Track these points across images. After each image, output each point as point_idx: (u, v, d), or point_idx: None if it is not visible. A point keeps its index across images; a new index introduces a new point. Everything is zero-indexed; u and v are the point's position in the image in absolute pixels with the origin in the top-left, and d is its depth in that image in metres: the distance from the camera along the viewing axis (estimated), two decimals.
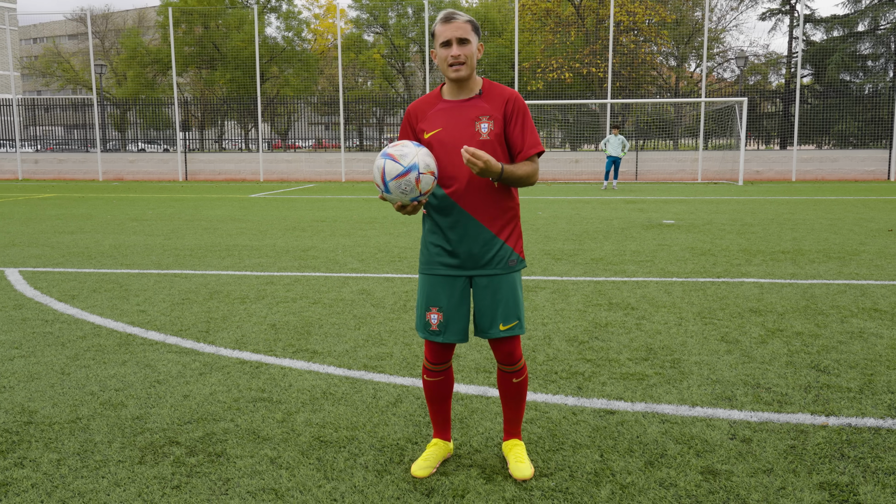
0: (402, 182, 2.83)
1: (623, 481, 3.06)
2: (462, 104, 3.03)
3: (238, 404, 3.96)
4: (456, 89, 3.05)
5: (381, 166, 2.86)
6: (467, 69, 2.97)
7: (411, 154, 2.85)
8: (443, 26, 2.95)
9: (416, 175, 2.83)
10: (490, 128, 2.99)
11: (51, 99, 38.87)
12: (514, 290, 3.10)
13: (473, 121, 2.99)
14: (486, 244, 3.04)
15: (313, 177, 30.10)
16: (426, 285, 3.13)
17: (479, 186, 2.99)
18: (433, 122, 3.05)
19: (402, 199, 2.87)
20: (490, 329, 3.09)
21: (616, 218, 13.48)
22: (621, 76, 33.62)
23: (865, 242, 9.87)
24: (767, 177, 27.77)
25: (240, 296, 6.70)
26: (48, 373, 4.50)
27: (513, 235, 3.10)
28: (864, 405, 3.88)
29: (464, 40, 2.94)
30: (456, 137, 2.99)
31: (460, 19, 2.95)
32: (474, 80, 3.05)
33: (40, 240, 10.73)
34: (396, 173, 2.83)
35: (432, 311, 3.09)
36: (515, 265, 3.10)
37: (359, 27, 42.99)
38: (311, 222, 13.10)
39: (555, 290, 6.88)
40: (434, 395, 3.25)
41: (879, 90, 31.11)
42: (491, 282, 3.06)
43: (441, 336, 3.10)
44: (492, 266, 3.06)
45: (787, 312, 5.93)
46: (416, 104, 3.13)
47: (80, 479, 3.10)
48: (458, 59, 2.94)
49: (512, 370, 3.19)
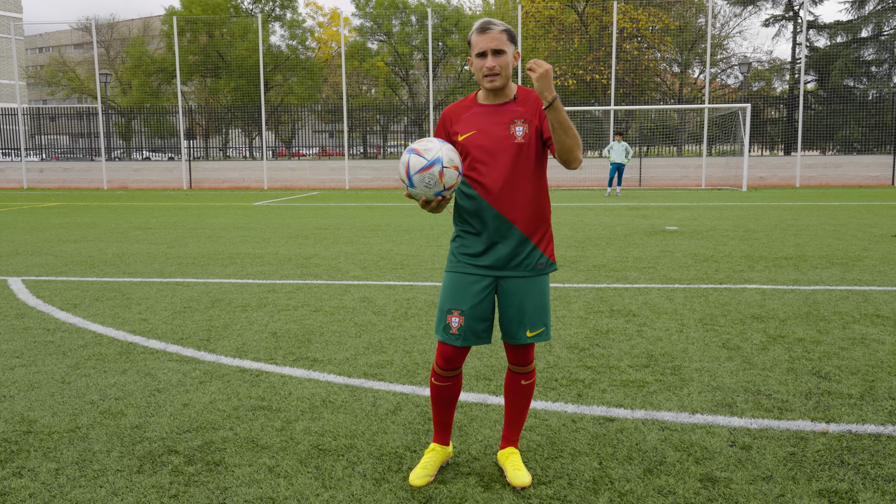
0: (425, 175, 2.86)
1: (622, 489, 3.05)
2: (497, 108, 3.05)
3: (237, 413, 3.96)
4: (491, 95, 3.08)
5: (407, 161, 2.89)
6: (502, 80, 2.99)
7: (435, 148, 2.89)
8: (478, 37, 2.96)
9: (439, 168, 2.86)
10: (525, 131, 3.00)
11: (56, 108, 39.07)
12: (543, 295, 3.10)
13: (508, 124, 3.01)
14: (518, 246, 3.04)
15: (317, 184, 30.16)
16: (450, 284, 3.10)
17: (513, 189, 3.00)
18: (468, 124, 3.07)
19: (427, 192, 2.89)
20: (517, 335, 3.09)
21: (619, 224, 13.47)
22: (625, 83, 33.65)
23: (869, 248, 9.85)
24: (771, 183, 27.73)
25: (241, 304, 6.71)
26: (48, 382, 4.51)
27: (545, 239, 3.10)
28: (865, 412, 3.86)
29: (499, 51, 2.95)
30: (490, 140, 3.01)
31: (496, 29, 2.95)
32: (509, 86, 3.07)
33: (44, 248, 10.76)
34: (420, 167, 2.86)
35: (454, 313, 3.07)
36: (545, 268, 3.10)
37: (363, 35, 43.11)
38: (314, 230, 13.12)
39: (557, 296, 6.87)
40: (441, 399, 3.22)
41: (883, 96, 31.06)
42: (519, 286, 3.06)
43: (460, 340, 3.07)
44: (521, 269, 3.05)
45: (789, 319, 5.91)
46: (452, 107, 3.15)
47: (79, 489, 3.11)
48: (493, 71, 2.96)
49: (523, 371, 3.19)
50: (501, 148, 3.00)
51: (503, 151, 3.00)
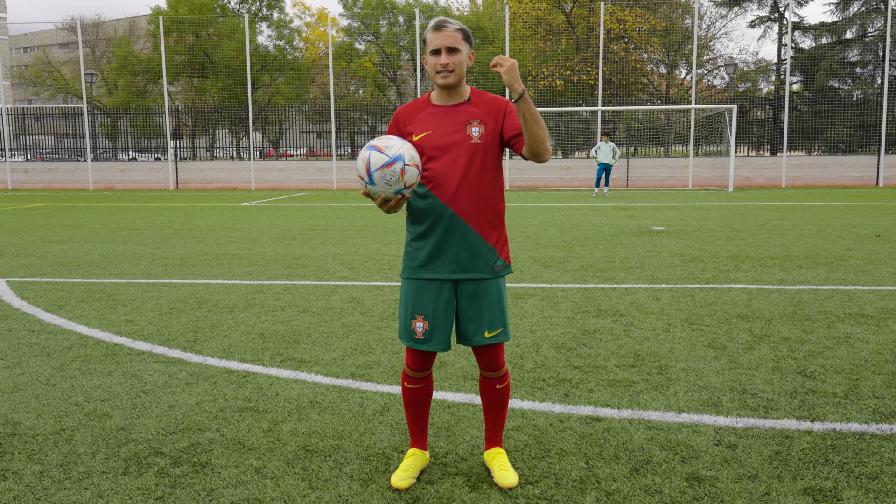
0: (387, 172, 2.82)
1: (608, 488, 3.06)
2: (452, 109, 3.04)
3: (224, 414, 3.95)
4: (445, 95, 3.06)
5: (367, 157, 2.85)
6: (455, 77, 2.98)
7: (397, 146, 2.85)
8: (433, 34, 2.96)
9: (401, 166, 2.82)
10: (481, 132, 2.99)
11: (41, 108, 38.76)
12: (500, 297, 3.10)
13: (464, 124, 3.00)
14: (474, 248, 3.03)
15: (305, 185, 30.08)
16: (411, 292, 3.10)
17: (469, 189, 2.99)
18: (422, 125, 3.05)
19: (387, 190, 2.86)
20: (475, 336, 3.08)
21: (606, 225, 13.51)
22: (612, 83, 33.75)
23: (853, 248, 9.92)
24: (757, 183, 27.90)
25: (228, 305, 6.69)
26: (33, 384, 4.47)
27: (500, 240, 3.10)
28: (849, 410, 3.89)
29: (453, 49, 2.94)
30: (446, 140, 3.00)
31: (451, 28, 2.95)
32: (463, 87, 3.05)
33: (28, 250, 10.68)
34: (382, 164, 2.82)
35: (418, 318, 3.07)
36: (501, 270, 3.10)
37: (350, 36, 43.06)
38: (301, 231, 13.09)
39: (544, 297, 6.89)
40: (413, 402, 3.23)
41: (868, 97, 31.31)
42: (477, 287, 3.06)
43: (426, 344, 3.08)
44: (478, 270, 3.05)
45: (775, 318, 5.95)
46: (405, 108, 3.13)
47: (63, 491, 3.08)
48: (447, 68, 2.95)
49: (495, 376, 3.19)
50: (458, 148, 2.98)
51: (459, 152, 2.98)
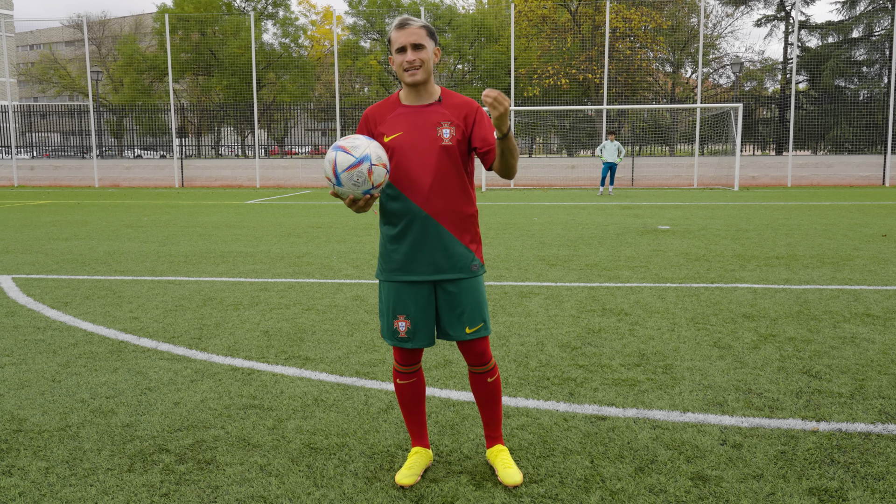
0: (353, 173, 2.80)
1: (613, 487, 3.06)
2: (422, 109, 3.04)
3: (229, 411, 3.95)
4: (415, 95, 3.06)
5: (333, 158, 2.83)
6: (423, 73, 2.98)
7: (363, 146, 2.84)
8: (397, 32, 2.97)
9: (368, 166, 2.81)
10: (452, 133, 3.00)
11: (47, 105, 38.84)
12: (478, 293, 3.11)
13: (435, 126, 3.00)
14: (449, 249, 3.04)
15: (310, 183, 30.10)
16: (391, 293, 3.11)
17: (440, 191, 3.00)
18: (393, 125, 3.04)
19: (355, 191, 2.84)
20: (456, 333, 3.10)
21: (611, 223, 13.49)
22: (617, 82, 33.69)
23: (859, 248, 9.89)
24: (763, 182, 27.83)
25: (233, 302, 6.69)
26: (39, 380, 4.49)
27: (474, 241, 3.11)
28: (855, 410, 3.88)
29: (418, 45, 2.95)
30: (417, 141, 3.00)
31: (414, 25, 2.96)
32: (433, 86, 3.06)
33: (34, 247, 10.71)
34: (348, 164, 2.80)
35: (400, 318, 3.09)
36: (477, 270, 3.11)
37: (355, 34, 43.05)
38: (306, 228, 13.10)
39: (549, 295, 6.88)
40: (408, 398, 3.24)
41: (874, 96, 31.20)
42: (456, 287, 3.07)
43: (410, 342, 3.11)
44: (456, 270, 3.06)
45: (780, 318, 5.93)
46: (375, 108, 3.12)
47: (69, 488, 3.09)
48: (413, 64, 2.95)
49: (484, 370, 3.20)
50: (429, 150, 2.99)
51: (431, 153, 2.99)
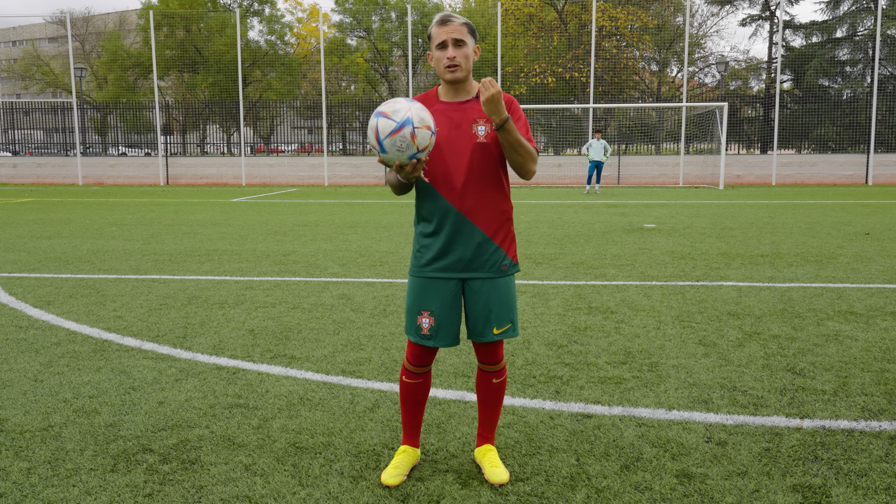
0: (396, 139, 2.72)
1: (598, 485, 3.07)
2: (459, 106, 3.02)
3: (213, 411, 3.93)
4: (452, 91, 3.04)
5: (375, 125, 2.75)
6: (463, 71, 2.96)
7: (404, 109, 2.75)
8: (438, 28, 2.94)
9: (410, 129, 2.72)
10: (487, 130, 2.97)
11: (30, 102, 38.47)
12: (508, 294, 3.09)
13: (471, 123, 2.98)
14: (480, 247, 3.01)
15: (296, 181, 29.99)
16: (417, 288, 3.08)
17: (475, 188, 2.97)
18: None
19: (400, 157, 2.76)
20: (484, 333, 3.07)
21: (598, 222, 13.53)
22: (604, 81, 33.79)
23: (843, 246, 9.97)
24: (748, 181, 28.01)
25: (218, 301, 6.66)
26: (20, 380, 4.44)
27: (507, 239, 3.08)
28: (839, 407, 3.91)
29: (459, 42, 2.93)
30: (453, 139, 2.98)
31: (456, 21, 2.94)
32: (470, 82, 3.04)
33: (17, 245, 10.60)
34: (390, 130, 2.72)
35: (424, 314, 3.06)
36: (508, 269, 3.08)
37: (342, 31, 42.95)
38: (292, 227, 13.05)
39: (535, 293, 6.89)
40: (410, 398, 3.22)
41: (858, 95, 31.47)
42: (483, 285, 3.04)
43: (432, 340, 3.07)
44: (485, 270, 3.03)
45: (765, 315, 5.97)
46: (418, 99, 3.06)
47: (51, 488, 3.06)
48: (454, 61, 2.93)
49: (493, 370, 3.19)
50: (464, 147, 2.97)
51: (465, 150, 2.96)
